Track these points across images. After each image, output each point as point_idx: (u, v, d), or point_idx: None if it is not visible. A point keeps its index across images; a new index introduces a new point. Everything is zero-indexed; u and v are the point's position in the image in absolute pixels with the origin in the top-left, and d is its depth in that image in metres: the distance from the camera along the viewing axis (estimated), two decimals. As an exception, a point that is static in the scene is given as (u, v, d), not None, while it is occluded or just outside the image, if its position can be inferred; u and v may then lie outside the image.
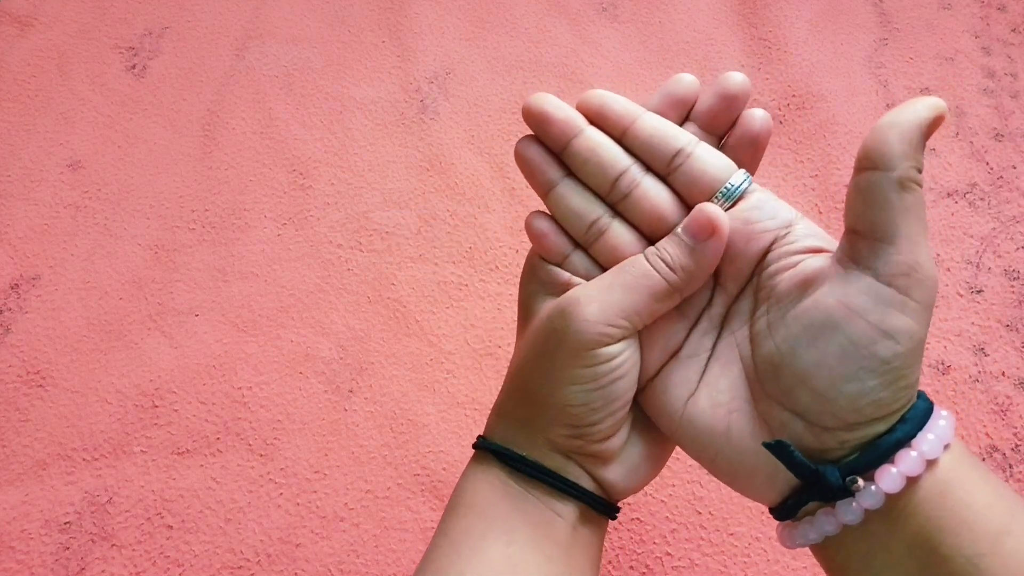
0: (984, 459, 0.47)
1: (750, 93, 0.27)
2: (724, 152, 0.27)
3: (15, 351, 0.53)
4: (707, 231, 0.25)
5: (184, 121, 0.65)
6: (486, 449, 0.28)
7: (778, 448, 0.23)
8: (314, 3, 0.71)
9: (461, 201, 0.59)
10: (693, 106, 0.28)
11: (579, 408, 0.26)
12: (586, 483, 0.28)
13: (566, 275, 0.28)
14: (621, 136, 0.27)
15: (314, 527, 0.47)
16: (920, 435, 0.22)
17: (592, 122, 0.27)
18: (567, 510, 0.27)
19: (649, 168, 0.27)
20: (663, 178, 0.27)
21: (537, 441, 0.27)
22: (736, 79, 0.27)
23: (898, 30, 0.66)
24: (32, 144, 0.63)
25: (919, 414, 0.23)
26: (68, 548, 0.47)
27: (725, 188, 0.26)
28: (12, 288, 0.56)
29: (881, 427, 0.23)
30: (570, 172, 0.27)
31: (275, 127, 0.64)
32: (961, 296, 0.53)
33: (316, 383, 0.52)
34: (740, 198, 0.26)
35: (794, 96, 0.63)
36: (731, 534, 0.46)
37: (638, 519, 0.46)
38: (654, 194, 0.26)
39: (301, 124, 0.64)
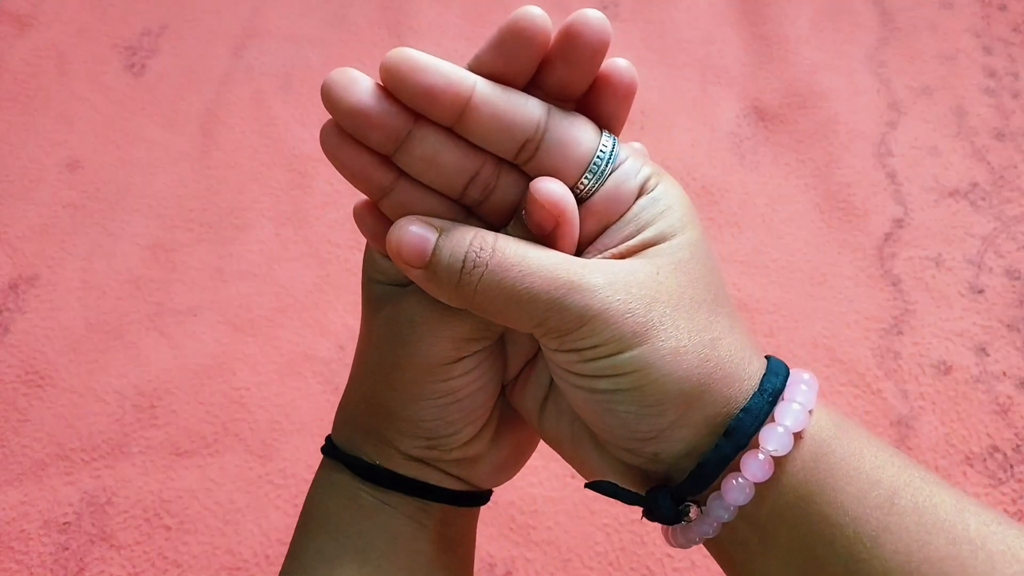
0: (984, 459, 0.47)
1: (610, 37, 0.20)
2: (579, 110, 0.22)
3: (14, 351, 0.53)
4: (551, 221, 0.21)
5: (183, 120, 0.64)
6: (334, 457, 0.25)
7: (600, 487, 0.22)
8: (313, 2, 0.71)
9: (461, 201, 0.59)
10: (543, 59, 0.21)
11: (434, 423, 0.23)
12: (451, 484, 0.25)
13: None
14: (454, 124, 0.20)
15: (313, 528, 0.47)
16: (767, 430, 0.20)
17: (407, 100, 0.20)
18: (431, 516, 0.25)
19: (502, 158, 0.22)
20: (518, 166, 0.22)
21: (388, 451, 0.24)
22: (592, 19, 0.20)
23: (899, 29, 0.66)
24: (31, 144, 0.63)
25: (750, 420, 0.20)
26: (67, 548, 0.47)
27: (593, 165, 0.21)
28: (11, 288, 0.56)
29: (691, 433, 0.21)
30: (403, 172, 0.22)
31: (274, 127, 0.64)
32: (962, 296, 0.53)
33: (315, 383, 0.52)
34: (613, 170, 0.21)
35: (795, 95, 0.63)
36: (731, 535, 0.45)
37: (638, 520, 0.46)
38: (515, 195, 0.22)
39: (300, 124, 0.64)
